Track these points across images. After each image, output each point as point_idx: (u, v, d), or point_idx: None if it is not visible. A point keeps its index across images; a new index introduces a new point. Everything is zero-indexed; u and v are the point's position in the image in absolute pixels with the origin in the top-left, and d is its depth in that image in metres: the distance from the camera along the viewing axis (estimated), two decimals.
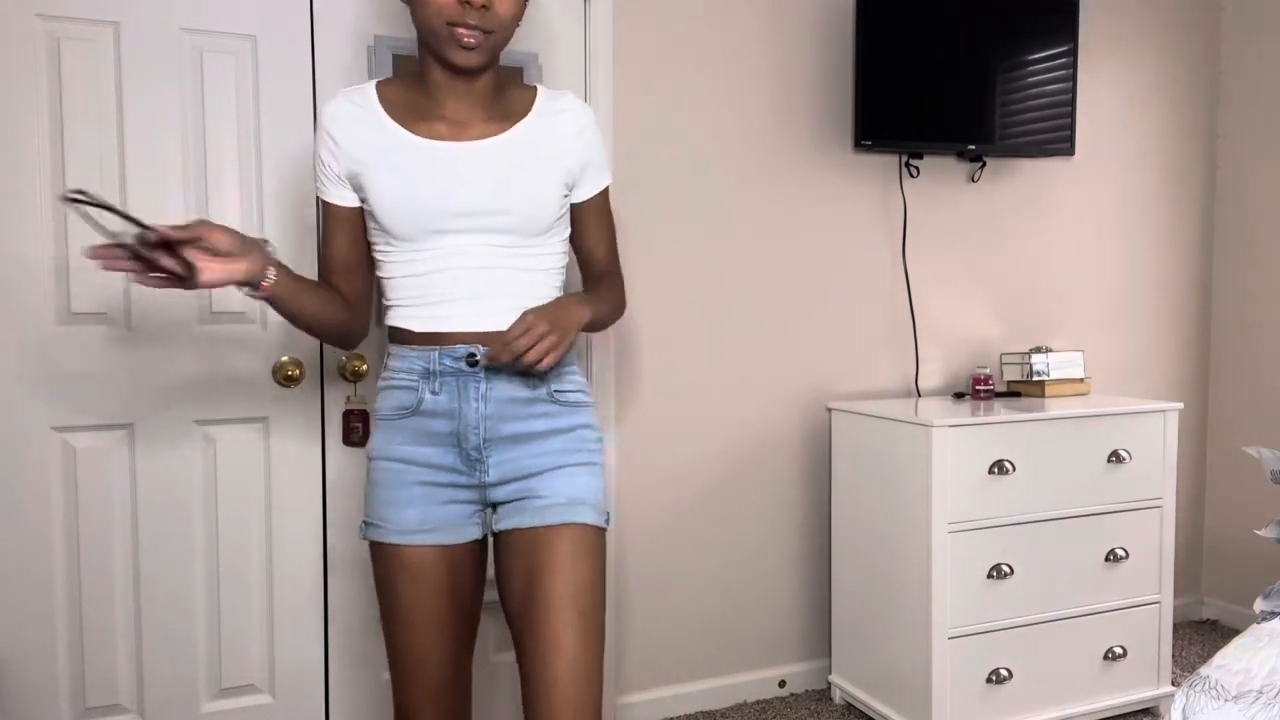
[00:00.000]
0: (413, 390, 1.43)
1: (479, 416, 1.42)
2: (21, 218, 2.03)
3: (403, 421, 1.44)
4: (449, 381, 1.42)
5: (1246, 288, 3.36)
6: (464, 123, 1.42)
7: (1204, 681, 1.43)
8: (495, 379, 1.42)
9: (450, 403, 1.42)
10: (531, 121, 1.45)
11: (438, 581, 1.42)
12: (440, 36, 1.35)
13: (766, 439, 2.81)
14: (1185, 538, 3.41)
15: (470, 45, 1.34)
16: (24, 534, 2.06)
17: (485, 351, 1.41)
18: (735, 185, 2.72)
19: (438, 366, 1.42)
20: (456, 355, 1.42)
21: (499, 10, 1.35)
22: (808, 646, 2.90)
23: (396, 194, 1.39)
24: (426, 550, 1.42)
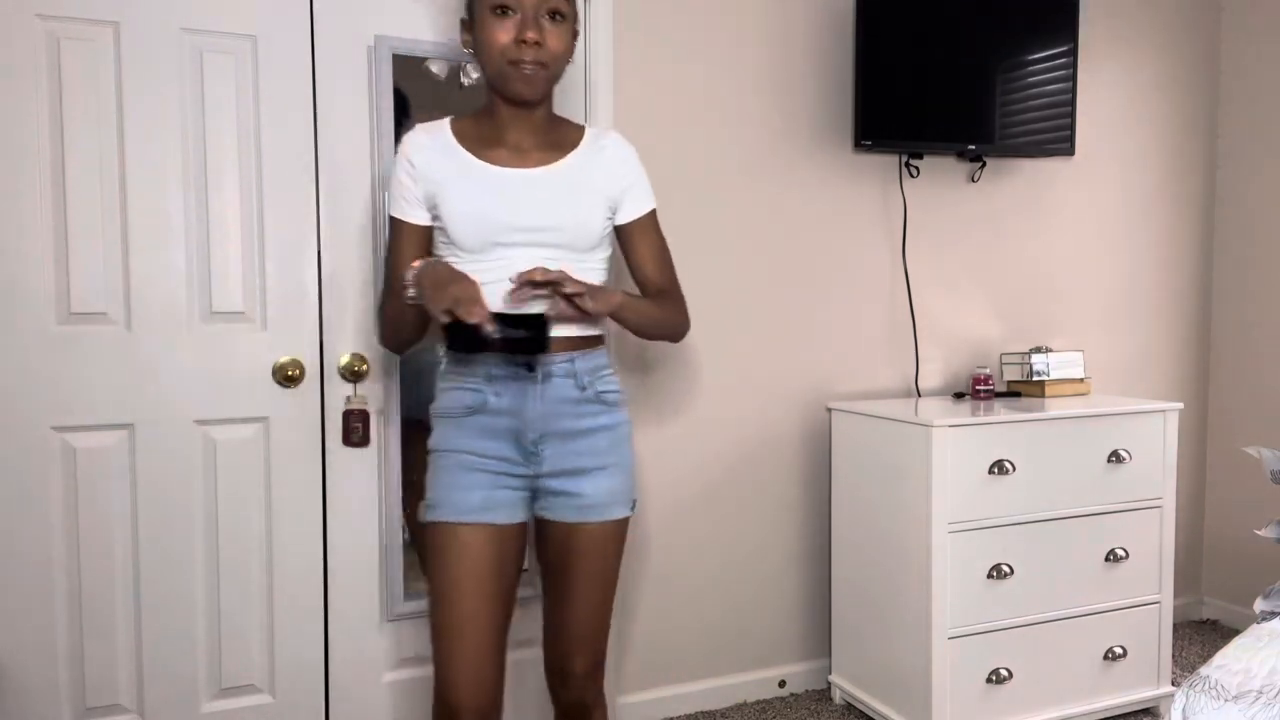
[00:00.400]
0: (478, 392, 1.62)
1: (537, 414, 1.61)
2: (21, 218, 2.03)
3: (467, 419, 1.62)
4: (511, 385, 1.60)
5: (1246, 288, 3.36)
6: (524, 151, 1.63)
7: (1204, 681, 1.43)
8: (550, 382, 1.62)
9: (512, 403, 1.61)
10: (581, 153, 1.67)
11: (489, 556, 1.60)
12: (503, 73, 1.58)
13: (766, 439, 2.81)
14: (1185, 538, 3.41)
15: (527, 76, 1.56)
16: (24, 534, 2.06)
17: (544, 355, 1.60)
18: (735, 185, 2.72)
19: (501, 371, 1.60)
20: (517, 361, 1.59)
21: (550, 46, 1.57)
22: (808, 646, 2.90)
23: (466, 210, 1.59)
24: (482, 529, 1.60)
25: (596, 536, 1.65)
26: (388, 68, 2.26)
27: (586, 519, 1.64)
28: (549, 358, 1.61)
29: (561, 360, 1.62)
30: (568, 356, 1.64)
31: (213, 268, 2.17)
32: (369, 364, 2.28)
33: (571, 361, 1.63)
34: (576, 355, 1.64)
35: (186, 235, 2.15)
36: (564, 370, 1.62)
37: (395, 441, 2.32)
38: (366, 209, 2.28)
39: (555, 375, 1.62)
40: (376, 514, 2.33)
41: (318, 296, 2.25)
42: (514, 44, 1.55)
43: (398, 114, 2.26)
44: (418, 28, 2.30)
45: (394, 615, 2.35)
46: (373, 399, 2.29)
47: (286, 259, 2.23)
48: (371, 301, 2.29)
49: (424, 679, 2.39)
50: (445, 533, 1.60)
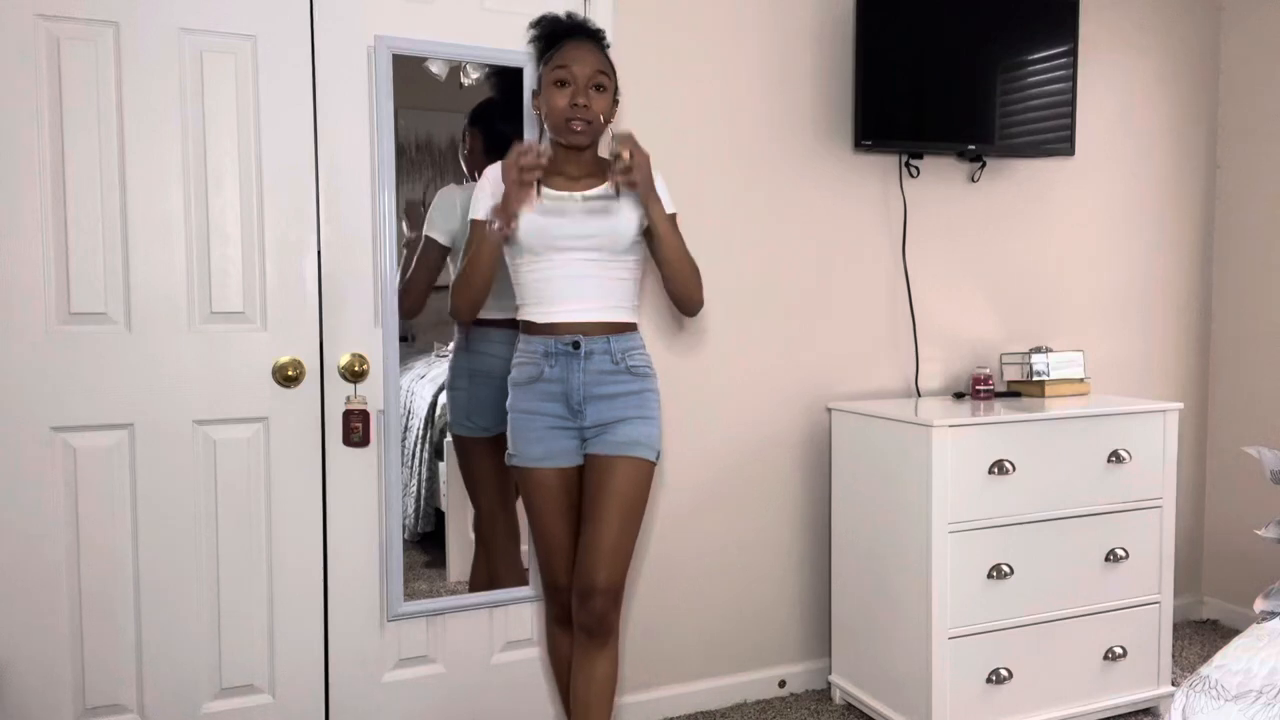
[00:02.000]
0: (537, 365, 2.07)
1: (580, 382, 2.06)
2: (21, 218, 2.03)
3: (530, 386, 2.08)
4: (561, 359, 2.05)
5: (1246, 288, 3.36)
6: (576, 179, 2.10)
7: (1204, 681, 1.43)
8: (591, 358, 2.06)
9: (562, 373, 2.06)
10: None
11: (557, 490, 2.10)
12: (560, 128, 2.06)
13: (766, 439, 2.81)
14: (1185, 538, 3.41)
15: (578, 131, 2.05)
16: (24, 534, 2.06)
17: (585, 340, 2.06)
18: (735, 185, 2.72)
19: (554, 349, 2.05)
20: (565, 341, 2.05)
21: (595, 108, 2.06)
22: (808, 646, 2.90)
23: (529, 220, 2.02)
24: (549, 471, 2.09)
25: (625, 469, 2.06)
26: (387, 68, 2.26)
27: (619, 453, 2.06)
28: (589, 340, 2.05)
29: (599, 340, 2.06)
30: (605, 338, 2.07)
31: (213, 268, 2.17)
32: (369, 364, 2.28)
33: (608, 341, 2.07)
34: (612, 337, 2.07)
35: (186, 235, 2.15)
36: (602, 348, 2.06)
37: (395, 441, 2.32)
38: (366, 209, 2.28)
39: (595, 352, 2.06)
40: (376, 514, 2.33)
41: (318, 296, 2.25)
42: (569, 106, 2.03)
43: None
44: (418, 28, 2.30)
45: (394, 615, 2.35)
46: (373, 399, 2.29)
47: (286, 259, 2.23)
48: (371, 301, 2.29)
49: (424, 679, 2.40)
50: (526, 475, 2.11)
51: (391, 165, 2.28)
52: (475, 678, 2.46)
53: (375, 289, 2.29)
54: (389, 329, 2.30)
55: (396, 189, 2.30)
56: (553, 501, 2.10)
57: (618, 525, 2.05)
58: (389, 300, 2.30)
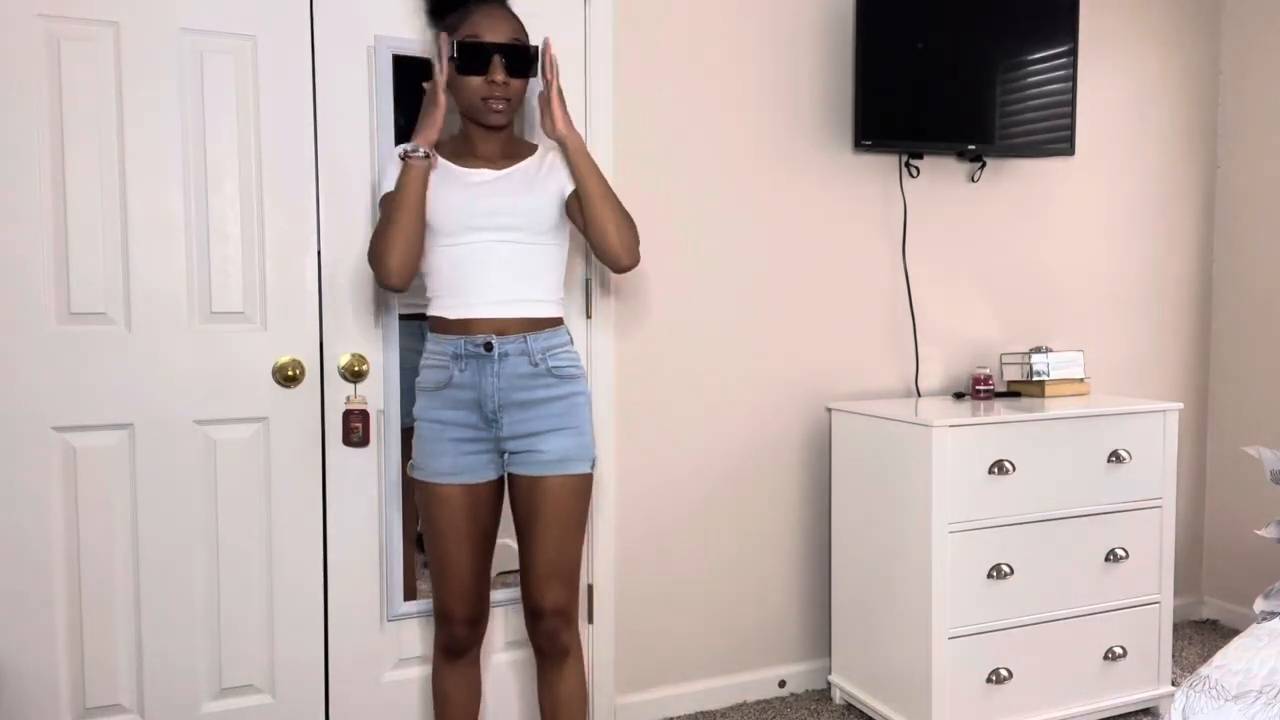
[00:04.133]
0: (445, 369, 1.90)
1: (494, 388, 1.88)
2: (21, 218, 2.03)
3: (438, 393, 1.91)
4: (471, 363, 1.88)
5: (1246, 288, 3.36)
6: (490, 159, 1.96)
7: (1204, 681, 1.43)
8: (506, 360, 1.88)
9: (473, 378, 1.88)
10: (534, 160, 2.00)
11: (463, 510, 1.92)
12: (477, 108, 1.90)
13: (766, 439, 2.81)
14: (1185, 538, 3.41)
15: (499, 110, 1.90)
16: (24, 534, 2.06)
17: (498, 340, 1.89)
18: (735, 185, 2.72)
19: (464, 350, 1.88)
20: (476, 342, 1.87)
21: (513, 88, 1.90)
22: (808, 646, 2.90)
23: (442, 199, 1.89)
24: (455, 488, 1.91)
25: (557, 488, 1.91)
26: (388, 68, 2.26)
27: (547, 473, 1.91)
28: (503, 339, 1.88)
29: (514, 340, 1.89)
30: (521, 337, 1.89)
31: (213, 268, 2.17)
32: (369, 364, 2.29)
33: (524, 340, 1.89)
34: (529, 336, 1.90)
35: (186, 235, 2.15)
36: (518, 349, 1.89)
37: (395, 441, 2.32)
38: (366, 209, 2.28)
39: (510, 354, 1.88)
40: (376, 514, 2.33)
41: (318, 296, 2.25)
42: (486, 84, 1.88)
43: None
44: (418, 28, 2.30)
45: (394, 615, 2.35)
46: (373, 399, 2.29)
47: (286, 259, 2.23)
48: (371, 301, 2.29)
49: (424, 679, 2.40)
50: (429, 490, 1.93)
51: None
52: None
53: (375, 289, 2.29)
54: (389, 329, 2.30)
55: None
56: (457, 522, 1.92)
57: (556, 546, 1.92)
58: (389, 300, 2.30)
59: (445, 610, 1.98)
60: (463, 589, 1.95)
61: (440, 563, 1.95)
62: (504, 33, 1.87)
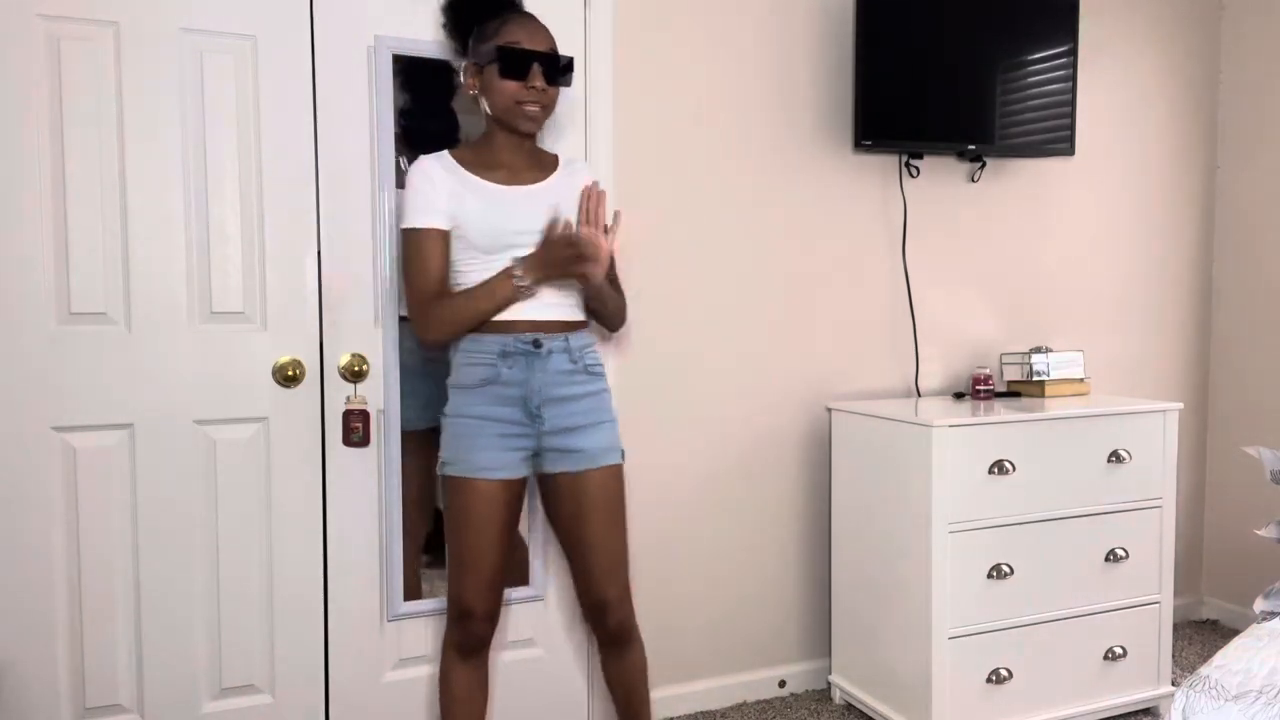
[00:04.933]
0: (492, 366, 1.95)
1: (540, 384, 1.96)
2: (21, 218, 2.03)
3: (481, 389, 1.96)
4: (520, 360, 1.95)
5: (1246, 288, 3.36)
6: (516, 171, 2.01)
7: (1204, 681, 1.43)
8: (550, 357, 1.97)
9: (521, 374, 1.95)
10: (559, 175, 2.06)
11: (498, 504, 1.97)
12: (512, 112, 1.95)
13: (766, 439, 2.81)
14: (1185, 538, 3.41)
15: (532, 115, 1.96)
16: (24, 534, 2.06)
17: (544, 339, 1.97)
18: (735, 186, 2.72)
19: (512, 348, 1.95)
20: (525, 340, 1.95)
21: (549, 95, 1.96)
22: (808, 646, 2.90)
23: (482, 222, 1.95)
24: (494, 483, 1.96)
25: (602, 480, 2.01)
26: (388, 68, 2.26)
27: (590, 466, 2.00)
28: (549, 337, 1.96)
29: (559, 339, 1.98)
30: (563, 336, 1.99)
31: (213, 268, 2.17)
32: (369, 364, 2.28)
33: (566, 340, 1.99)
34: (569, 335, 2.00)
35: (186, 235, 2.15)
36: (560, 347, 1.98)
37: (395, 441, 2.32)
38: (366, 209, 2.28)
39: (555, 351, 1.97)
40: (376, 514, 2.33)
41: (318, 296, 2.25)
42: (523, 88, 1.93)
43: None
44: (418, 28, 2.30)
45: (394, 615, 2.35)
46: (373, 399, 2.29)
47: (286, 259, 2.23)
48: (371, 301, 2.29)
49: (424, 679, 2.40)
50: (465, 486, 1.96)
51: (391, 165, 2.28)
52: None
53: (375, 289, 2.29)
54: (389, 329, 2.30)
55: (396, 189, 2.30)
56: (493, 517, 1.96)
57: (614, 536, 2.02)
58: (389, 300, 2.30)
59: (466, 607, 2.00)
60: (488, 583, 1.99)
61: (469, 557, 1.98)
62: (543, 42, 1.96)
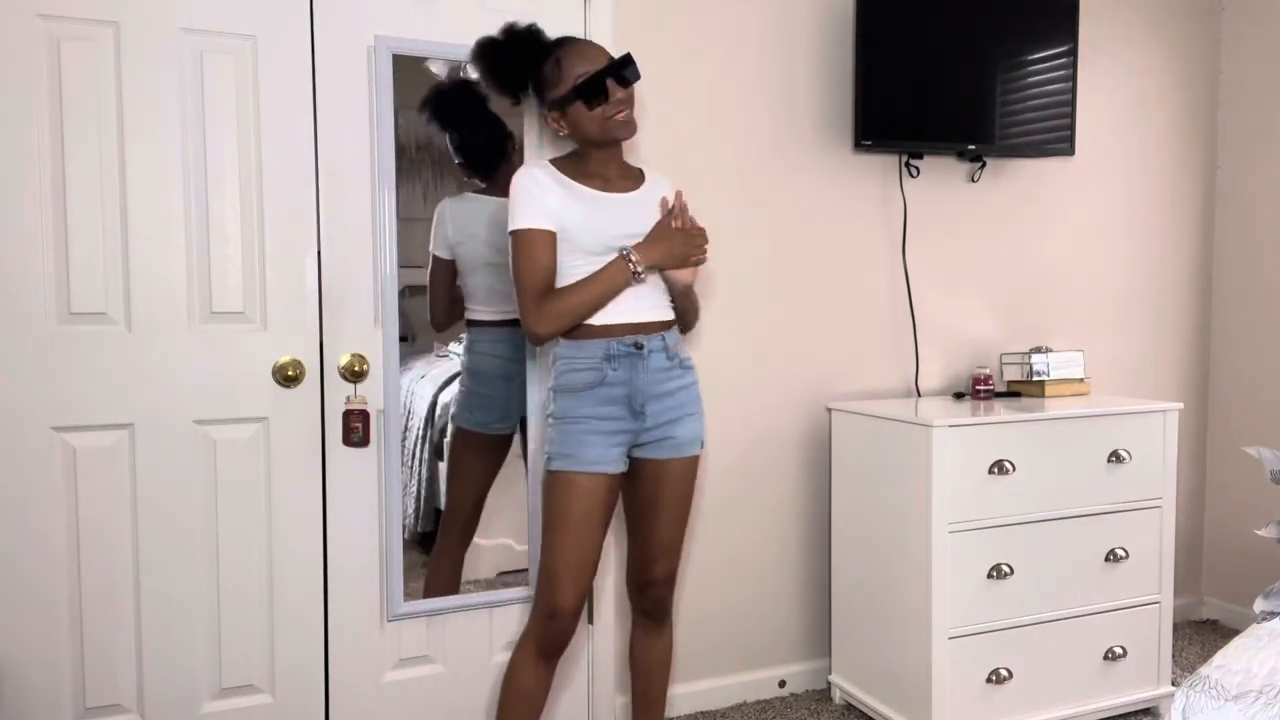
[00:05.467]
0: (597, 370, 2.03)
1: (644, 382, 2.04)
2: (21, 218, 2.03)
3: (589, 392, 2.03)
4: (624, 361, 2.03)
5: (1246, 288, 3.36)
6: (610, 180, 2.10)
7: (1204, 681, 1.43)
8: (650, 356, 2.05)
9: (625, 375, 2.03)
10: (648, 186, 2.15)
11: (601, 497, 2.04)
12: (610, 127, 2.03)
13: (766, 439, 2.81)
14: (1185, 538, 3.41)
15: (626, 120, 2.04)
16: (24, 534, 2.06)
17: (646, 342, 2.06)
18: (735, 186, 2.72)
19: (616, 351, 2.02)
20: (626, 343, 2.03)
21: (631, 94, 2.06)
22: (808, 646, 2.90)
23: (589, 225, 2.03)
24: (599, 477, 2.02)
25: (682, 468, 2.12)
26: (388, 68, 2.26)
27: (676, 454, 2.10)
28: (648, 337, 2.05)
29: (656, 338, 2.07)
30: (660, 335, 2.08)
31: (213, 268, 2.17)
32: (369, 364, 2.28)
33: (663, 338, 2.08)
34: (665, 333, 2.09)
35: (186, 235, 2.15)
36: (659, 345, 2.07)
37: (395, 441, 2.32)
38: (366, 209, 2.28)
39: (654, 350, 2.06)
40: (376, 514, 2.33)
41: (318, 296, 2.25)
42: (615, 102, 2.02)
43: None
44: (418, 28, 2.30)
45: (394, 615, 2.35)
46: (373, 399, 2.29)
47: (286, 259, 2.23)
48: (371, 301, 2.29)
49: (424, 679, 2.40)
50: (571, 480, 2.02)
51: (391, 165, 2.28)
52: (475, 678, 2.46)
53: (375, 289, 2.29)
54: (389, 329, 2.30)
55: (396, 189, 2.30)
56: (594, 509, 2.03)
57: (677, 523, 2.14)
58: (389, 300, 2.30)
59: (558, 604, 2.02)
60: (582, 581, 2.04)
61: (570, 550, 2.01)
62: (600, 56, 2.04)
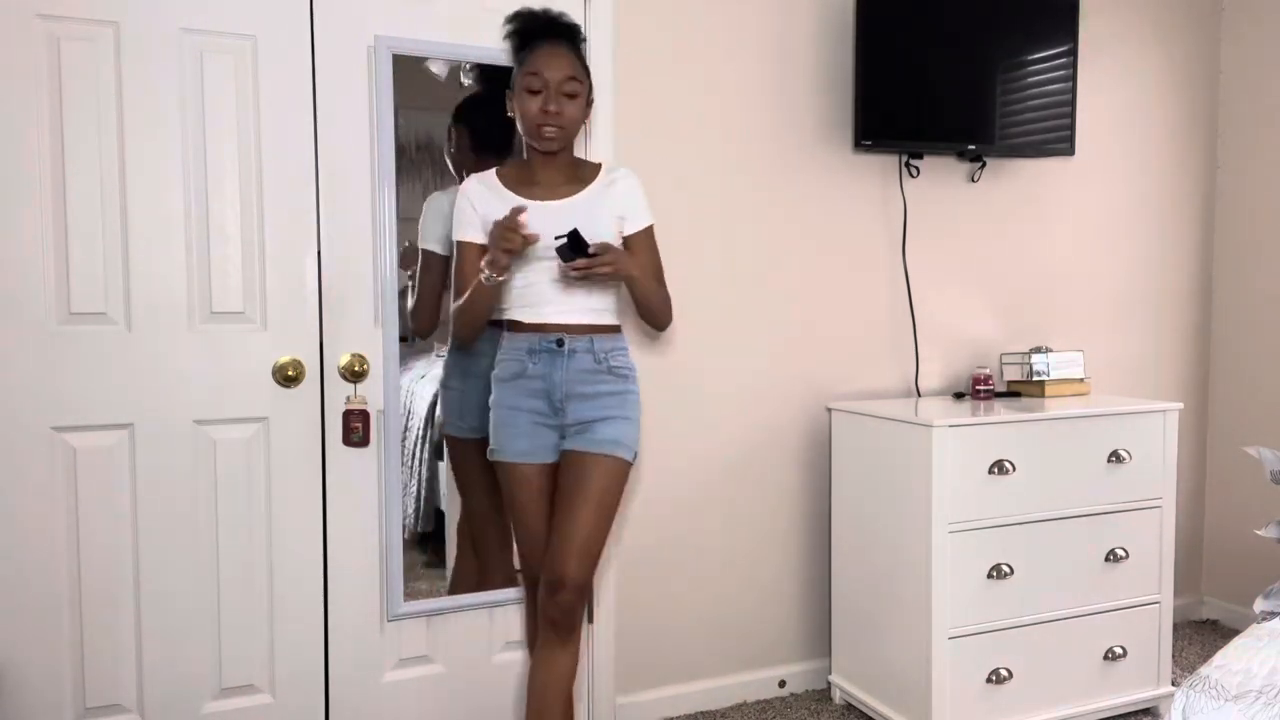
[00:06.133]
0: (521, 362, 2.08)
1: (562, 379, 2.07)
2: (21, 218, 2.03)
3: (514, 382, 2.09)
4: (544, 357, 2.07)
5: (1246, 288, 3.36)
6: (552, 186, 2.10)
7: (1204, 681, 1.43)
8: (574, 356, 2.07)
9: (545, 369, 2.07)
10: (596, 187, 2.12)
11: (538, 485, 2.11)
12: (532, 134, 2.05)
13: (766, 439, 2.81)
14: (1185, 538, 3.41)
15: (550, 137, 2.04)
16: (24, 534, 2.06)
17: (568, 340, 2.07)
18: (736, 186, 2.72)
19: (538, 347, 2.06)
20: (549, 340, 2.06)
21: (566, 114, 2.04)
22: (808, 646, 2.90)
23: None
24: (531, 466, 2.10)
25: (603, 467, 2.07)
26: (388, 68, 2.26)
27: (598, 450, 2.07)
28: (573, 339, 2.06)
29: (583, 340, 2.08)
30: (588, 338, 2.08)
31: (213, 268, 2.17)
32: (369, 364, 2.29)
33: (591, 341, 2.08)
34: (595, 337, 2.09)
35: (186, 235, 2.15)
36: (585, 348, 2.08)
37: (395, 441, 2.32)
38: (366, 209, 2.28)
39: (578, 351, 2.07)
40: (376, 514, 2.33)
41: (318, 296, 2.25)
42: (540, 111, 2.02)
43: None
44: (418, 28, 2.30)
45: (394, 615, 2.35)
46: (372, 399, 2.29)
47: (286, 259, 2.23)
48: (371, 301, 2.29)
49: (424, 679, 2.40)
50: (506, 469, 2.12)
51: (391, 165, 2.28)
52: (475, 678, 2.46)
53: (375, 289, 2.29)
54: (389, 329, 2.30)
55: (396, 189, 2.30)
56: (534, 496, 2.11)
57: (591, 521, 2.05)
58: (389, 300, 2.30)
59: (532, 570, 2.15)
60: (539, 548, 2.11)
61: (526, 532, 2.14)
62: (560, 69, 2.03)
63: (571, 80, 2.04)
